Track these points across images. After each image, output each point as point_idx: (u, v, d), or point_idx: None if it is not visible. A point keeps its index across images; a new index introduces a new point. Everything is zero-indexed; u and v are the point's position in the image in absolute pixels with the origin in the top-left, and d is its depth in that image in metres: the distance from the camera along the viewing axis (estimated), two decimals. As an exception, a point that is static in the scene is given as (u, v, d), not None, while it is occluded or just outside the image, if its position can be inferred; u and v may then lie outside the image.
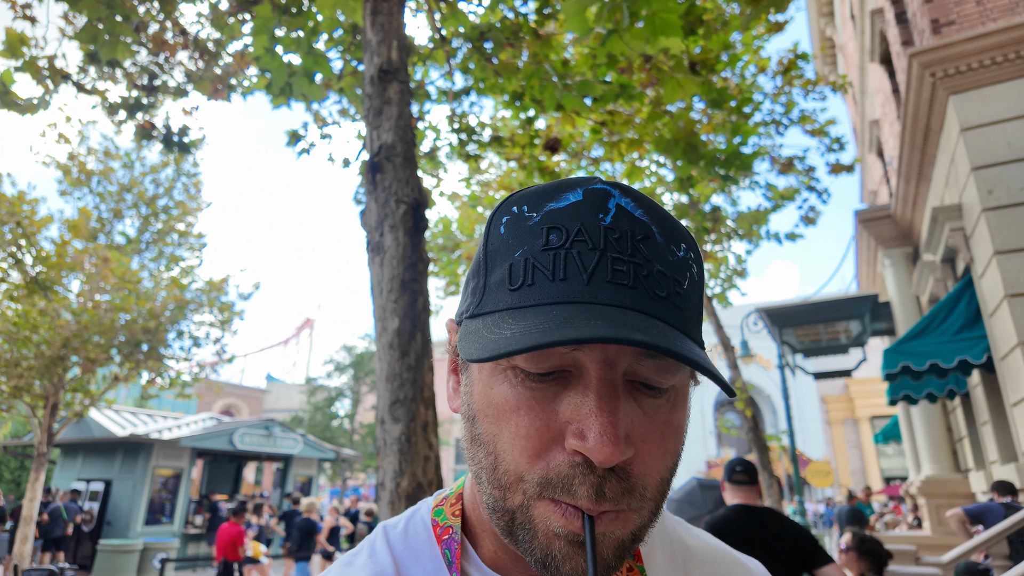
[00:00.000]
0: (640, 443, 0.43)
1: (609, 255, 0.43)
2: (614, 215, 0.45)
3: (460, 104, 6.16)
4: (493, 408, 0.45)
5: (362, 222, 2.58)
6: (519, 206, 0.48)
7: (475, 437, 0.47)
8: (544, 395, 0.43)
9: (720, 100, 4.35)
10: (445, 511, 0.57)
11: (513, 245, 0.46)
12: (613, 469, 0.42)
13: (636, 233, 0.45)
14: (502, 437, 0.44)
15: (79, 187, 12.60)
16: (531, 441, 0.43)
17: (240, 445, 14.44)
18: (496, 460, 0.44)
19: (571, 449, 0.41)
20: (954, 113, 5.57)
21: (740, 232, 9.69)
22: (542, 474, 0.42)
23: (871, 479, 26.89)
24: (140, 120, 5.64)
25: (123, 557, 9.97)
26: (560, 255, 0.43)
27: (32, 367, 9.34)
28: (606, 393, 0.42)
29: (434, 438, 2.20)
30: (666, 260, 0.45)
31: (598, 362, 0.42)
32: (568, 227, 0.44)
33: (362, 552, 0.56)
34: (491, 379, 0.45)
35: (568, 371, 0.43)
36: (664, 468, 0.45)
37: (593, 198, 0.46)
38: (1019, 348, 4.80)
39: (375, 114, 2.90)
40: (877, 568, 3.36)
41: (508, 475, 0.44)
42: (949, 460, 8.13)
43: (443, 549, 0.53)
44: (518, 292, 0.44)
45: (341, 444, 25.66)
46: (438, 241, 10.43)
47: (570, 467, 0.42)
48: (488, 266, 0.48)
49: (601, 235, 0.44)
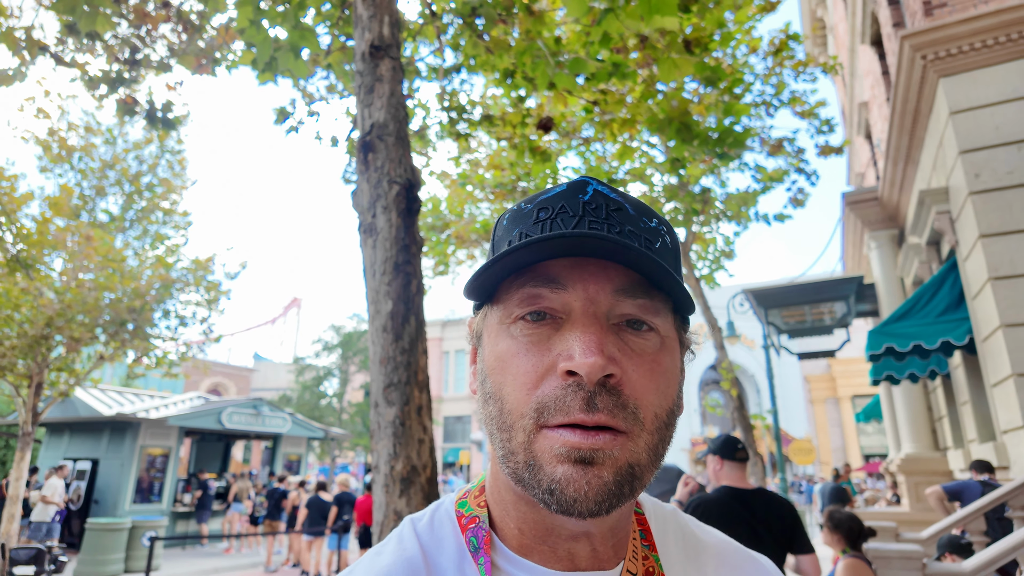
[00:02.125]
0: (627, 367, 0.49)
1: (587, 219, 0.51)
2: (591, 195, 0.53)
3: (450, 82, 6.08)
4: (499, 361, 0.52)
5: (353, 203, 2.54)
6: (518, 204, 0.57)
7: (487, 396, 0.53)
8: (539, 338, 0.50)
9: (714, 78, 4.32)
10: (469, 502, 0.60)
11: (510, 228, 0.55)
12: (604, 386, 0.47)
13: (610, 205, 0.53)
14: (505, 382, 0.50)
15: (60, 163, 12.33)
16: (528, 376, 0.49)
17: (228, 424, 14.42)
18: (502, 405, 0.50)
19: (562, 371, 0.47)
20: (944, 96, 5.58)
21: (729, 214, 9.72)
22: (538, 401, 0.48)
23: (851, 457, 27.46)
24: (122, 95, 5.50)
25: (111, 535, 9.96)
26: (547, 223, 0.52)
27: (15, 346, 9.22)
28: (589, 321, 0.49)
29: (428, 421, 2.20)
30: (637, 226, 0.53)
31: (581, 300, 0.49)
32: (553, 206, 0.53)
33: (390, 542, 0.59)
34: (497, 338, 0.53)
35: (559, 317, 0.50)
36: (656, 404, 0.50)
37: (574, 186, 0.54)
38: (1001, 330, 4.89)
39: (366, 92, 2.85)
40: (853, 543, 3.44)
41: (511, 414, 0.49)
42: (929, 439, 8.31)
43: (468, 537, 0.56)
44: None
45: (330, 423, 25.72)
46: (427, 220, 10.35)
47: (562, 389, 0.47)
48: (493, 253, 0.57)
49: (580, 206, 0.52)
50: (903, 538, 4.51)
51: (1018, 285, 4.89)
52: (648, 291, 0.51)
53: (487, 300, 0.56)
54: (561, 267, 0.51)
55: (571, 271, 0.50)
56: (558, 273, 0.51)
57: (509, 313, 0.52)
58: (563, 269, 0.51)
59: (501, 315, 0.53)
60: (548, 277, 0.51)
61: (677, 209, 8.98)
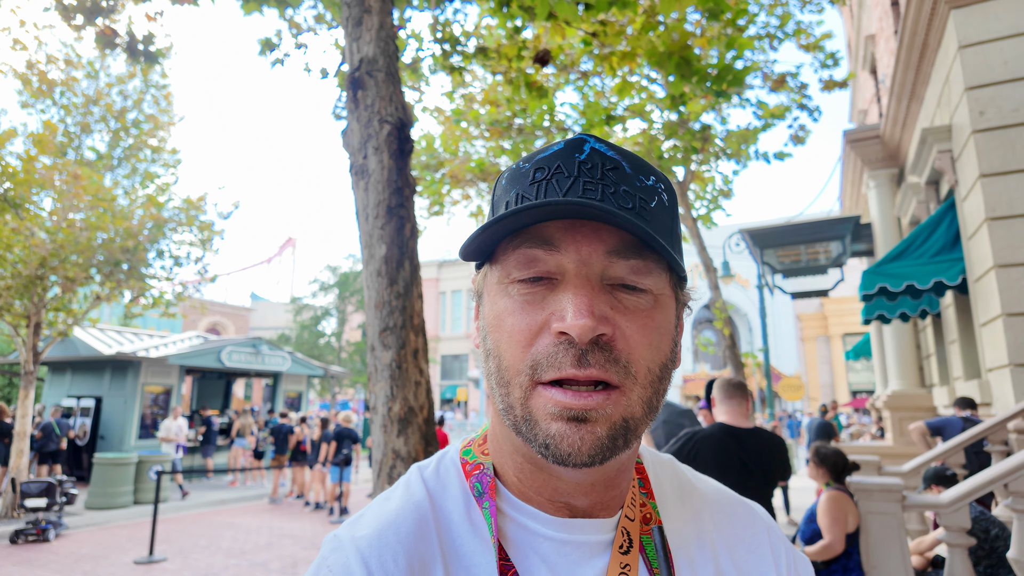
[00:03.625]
0: (619, 324, 0.50)
1: (581, 180, 0.52)
2: (588, 153, 0.54)
3: (443, 11, 5.82)
4: (496, 319, 0.54)
5: (344, 143, 2.47)
6: (517, 163, 0.57)
7: (487, 352, 0.55)
8: (534, 298, 0.52)
9: (717, 10, 4.14)
10: (474, 450, 0.63)
11: (508, 188, 0.56)
12: (597, 343, 0.49)
13: (606, 164, 0.53)
14: (502, 340, 0.52)
15: (41, 99, 11.92)
16: (523, 335, 0.51)
17: (228, 363, 14.61)
18: (500, 361, 0.53)
19: (555, 331, 0.49)
20: (953, 29, 5.40)
21: (728, 152, 9.55)
22: (532, 358, 0.50)
23: (839, 393, 28.17)
24: (100, 26, 5.26)
25: (119, 469, 10.27)
26: (542, 185, 0.53)
27: (10, 287, 9.21)
28: (581, 283, 0.50)
29: (424, 363, 2.22)
30: (633, 185, 0.53)
31: (574, 262, 0.51)
32: (550, 165, 0.54)
33: (398, 488, 0.62)
34: (495, 297, 0.55)
35: (554, 278, 0.52)
36: (649, 358, 0.51)
37: (571, 144, 0.55)
38: (994, 270, 4.91)
39: (354, 24, 2.72)
40: (837, 477, 3.56)
41: (508, 370, 0.52)
42: (916, 376, 8.50)
43: (472, 483, 0.59)
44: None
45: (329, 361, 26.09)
46: (421, 159, 10.14)
47: (555, 346, 0.49)
48: (492, 213, 0.58)
49: (576, 166, 0.53)
50: (885, 471, 4.68)
51: (1014, 225, 4.88)
52: (640, 251, 0.52)
53: (487, 260, 0.58)
54: (555, 229, 0.52)
55: (565, 233, 0.52)
56: (552, 235, 0.52)
57: (507, 274, 0.54)
58: (557, 231, 0.52)
59: (500, 275, 0.55)
60: (543, 239, 0.52)
61: (676, 147, 8.81)
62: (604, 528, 0.57)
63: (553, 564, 0.55)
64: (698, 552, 0.60)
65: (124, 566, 6.71)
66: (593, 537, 0.56)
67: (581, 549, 0.55)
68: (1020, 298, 4.76)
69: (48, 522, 8.04)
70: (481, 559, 0.54)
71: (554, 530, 0.56)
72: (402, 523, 0.55)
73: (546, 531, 0.56)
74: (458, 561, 0.54)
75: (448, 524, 0.57)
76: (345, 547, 0.54)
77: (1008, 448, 4.57)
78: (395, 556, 0.53)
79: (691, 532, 0.62)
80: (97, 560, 6.95)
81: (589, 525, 0.56)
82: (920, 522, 4.53)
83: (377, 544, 0.53)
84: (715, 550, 0.61)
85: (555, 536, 0.56)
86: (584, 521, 0.56)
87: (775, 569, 0.62)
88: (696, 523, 0.63)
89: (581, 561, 0.55)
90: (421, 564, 0.53)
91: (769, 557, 0.63)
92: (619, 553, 0.56)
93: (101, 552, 7.33)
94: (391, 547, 0.53)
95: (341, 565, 0.52)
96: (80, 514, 9.51)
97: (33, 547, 7.61)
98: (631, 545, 0.57)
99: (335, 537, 0.56)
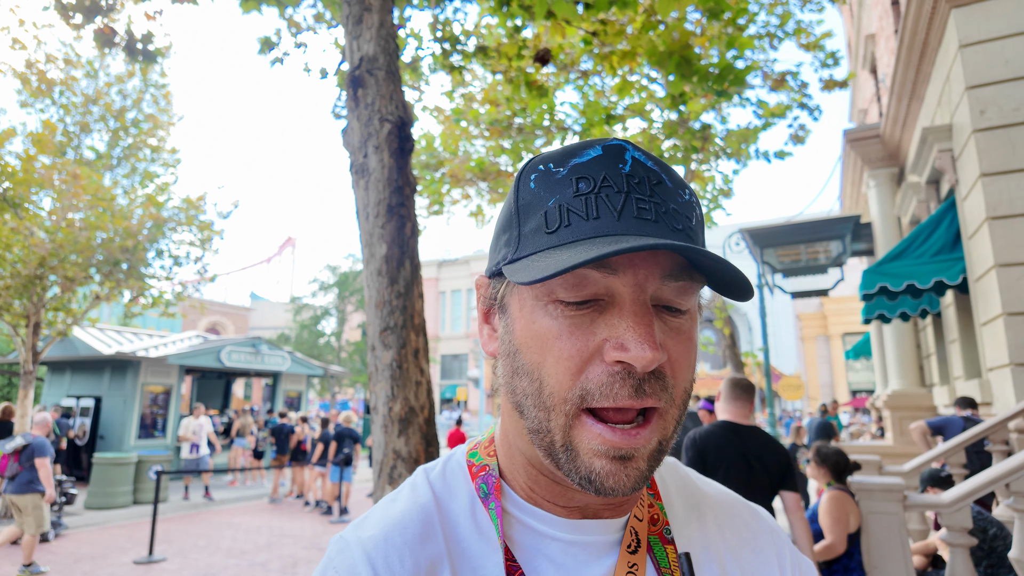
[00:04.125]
0: (670, 350, 0.50)
1: (633, 196, 0.50)
2: (632, 165, 0.52)
3: (443, 10, 5.81)
4: (537, 339, 0.50)
5: (344, 142, 2.46)
6: (545, 164, 0.54)
7: (517, 369, 0.52)
8: (582, 322, 0.49)
9: (718, 10, 4.14)
10: (480, 453, 0.63)
11: (545, 196, 0.52)
12: (653, 371, 0.48)
13: (652, 179, 0.52)
14: (546, 363, 0.49)
15: (41, 98, 11.91)
16: (573, 361, 0.48)
17: (228, 362, 14.60)
18: (541, 385, 0.50)
19: (612, 360, 0.47)
20: (954, 28, 5.39)
21: (728, 151, 9.54)
22: (582, 387, 0.48)
23: (839, 393, 28.17)
24: (99, 25, 5.25)
25: (119, 469, 10.27)
26: (591, 199, 0.50)
27: (9, 286, 9.20)
28: (641, 311, 0.48)
29: (425, 363, 2.21)
30: (677, 201, 0.52)
31: (630, 286, 0.48)
32: (594, 176, 0.51)
33: (404, 489, 0.62)
34: (532, 314, 0.51)
35: (602, 300, 0.49)
36: (687, 379, 0.52)
37: (612, 152, 0.52)
38: (994, 270, 4.91)
39: (354, 22, 2.71)
40: (838, 476, 3.56)
41: (553, 396, 0.49)
42: (916, 375, 8.50)
43: (478, 484, 0.59)
44: (555, 234, 0.50)
45: (329, 361, 26.09)
46: (421, 158, 10.13)
47: (609, 376, 0.47)
48: (521, 218, 0.53)
49: (624, 180, 0.51)
50: (886, 471, 4.67)
51: (1015, 225, 4.87)
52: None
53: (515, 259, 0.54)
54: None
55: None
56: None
57: (549, 291, 0.50)
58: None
59: (539, 291, 0.51)
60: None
61: (676, 146, 8.80)
62: (612, 528, 0.57)
63: (560, 564, 0.54)
64: (703, 554, 0.60)
65: (123, 566, 6.70)
66: (600, 537, 0.56)
67: (588, 549, 0.55)
68: (1021, 297, 4.76)
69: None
70: (487, 560, 0.54)
71: (561, 531, 0.56)
72: (408, 524, 0.55)
73: (553, 532, 0.56)
74: (465, 562, 0.54)
75: (454, 525, 0.57)
76: (351, 548, 0.54)
77: (1009, 448, 4.57)
78: (401, 557, 0.53)
79: (696, 534, 0.62)
80: (96, 560, 6.94)
81: (596, 525, 0.56)
82: (921, 522, 4.52)
83: (383, 545, 0.53)
84: (720, 552, 0.61)
85: (562, 537, 0.56)
86: (591, 522, 0.56)
87: (779, 572, 0.62)
88: (701, 525, 0.63)
89: (589, 560, 0.55)
90: (428, 565, 0.53)
91: (773, 560, 0.63)
92: (627, 552, 0.56)
93: (100, 552, 7.32)
94: (397, 548, 0.53)
95: (348, 566, 0.52)
96: (79, 514, 9.50)
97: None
98: (639, 545, 0.57)
99: (341, 538, 0.56)
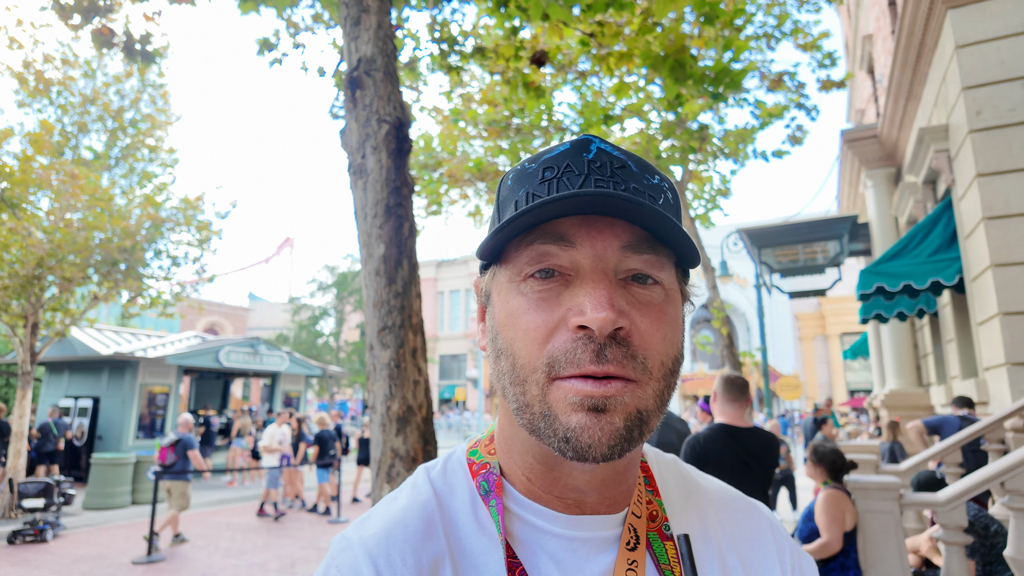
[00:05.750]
0: (635, 318, 0.51)
1: (592, 177, 0.52)
2: (595, 153, 0.54)
3: (441, 11, 5.82)
4: (510, 317, 0.53)
5: (342, 142, 2.47)
6: (522, 164, 0.57)
7: (499, 351, 0.54)
8: (549, 295, 0.52)
9: (713, 15, 4.15)
10: (480, 451, 0.63)
11: (516, 188, 0.56)
12: (614, 338, 0.49)
13: (614, 163, 0.54)
14: (516, 338, 0.52)
15: (38, 98, 11.89)
16: (539, 331, 0.51)
17: (226, 362, 14.59)
18: (514, 360, 0.52)
19: (573, 326, 0.49)
20: (950, 28, 5.41)
21: (726, 151, 9.56)
22: (549, 355, 0.50)
23: (837, 392, 28.23)
24: (97, 25, 5.25)
25: (117, 470, 10.26)
26: (553, 183, 0.53)
27: (7, 286, 9.19)
28: (598, 277, 0.50)
29: (423, 363, 2.22)
30: (641, 183, 0.54)
31: (589, 257, 0.51)
32: (559, 164, 0.54)
33: (405, 488, 0.62)
34: (507, 296, 0.54)
35: (568, 274, 0.52)
36: (663, 352, 0.52)
37: (578, 144, 0.55)
38: (990, 269, 4.93)
39: (352, 23, 2.72)
40: (835, 475, 3.57)
41: (524, 368, 0.51)
42: (913, 375, 8.52)
43: (479, 482, 0.60)
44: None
45: (327, 361, 26.07)
46: (419, 159, 10.13)
47: (572, 342, 0.49)
48: (500, 213, 0.57)
49: (585, 165, 0.53)
50: (882, 470, 4.69)
51: (1011, 225, 4.89)
52: (654, 246, 0.53)
53: (495, 260, 0.58)
54: (569, 225, 0.52)
55: (579, 229, 0.52)
56: (566, 231, 0.52)
57: (519, 271, 0.54)
58: (571, 227, 0.52)
59: (511, 273, 0.55)
60: (557, 235, 0.52)
61: (674, 147, 8.81)
62: (610, 524, 0.57)
63: (560, 560, 0.55)
64: (704, 549, 0.61)
65: (122, 566, 6.70)
66: (599, 533, 0.57)
67: (588, 545, 0.56)
68: (1017, 297, 4.78)
69: (46, 522, 8.02)
70: (489, 557, 0.54)
71: (561, 527, 0.56)
72: (409, 522, 0.56)
73: (553, 528, 0.56)
74: (466, 559, 0.55)
75: (455, 523, 0.57)
76: (353, 547, 0.54)
77: (1005, 446, 4.59)
78: (403, 555, 0.53)
79: (696, 530, 0.62)
80: (95, 560, 6.94)
81: (596, 521, 0.57)
82: (917, 520, 4.54)
83: (385, 543, 0.54)
84: (720, 547, 0.61)
85: (562, 533, 0.56)
86: (591, 518, 0.57)
87: (779, 565, 0.62)
88: (701, 521, 0.63)
89: (588, 557, 0.55)
90: (429, 562, 0.53)
91: (774, 554, 0.63)
92: (626, 549, 0.56)
93: (99, 552, 7.32)
94: (399, 546, 0.54)
95: (350, 565, 0.53)
96: (78, 514, 9.49)
97: (31, 548, 7.60)
98: (638, 542, 0.57)
99: (343, 537, 0.56)
